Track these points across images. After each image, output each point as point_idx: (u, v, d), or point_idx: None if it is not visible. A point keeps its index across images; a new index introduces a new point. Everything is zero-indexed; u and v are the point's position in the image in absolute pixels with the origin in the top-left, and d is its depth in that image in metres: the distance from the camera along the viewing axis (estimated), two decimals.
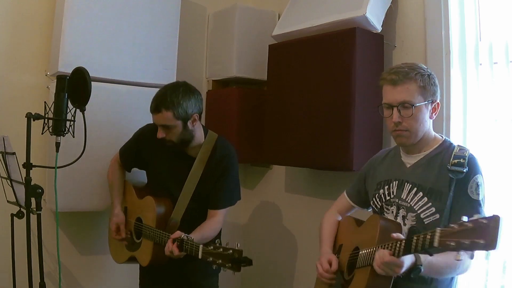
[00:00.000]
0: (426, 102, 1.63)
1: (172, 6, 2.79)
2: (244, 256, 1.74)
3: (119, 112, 2.57)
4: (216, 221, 2.21)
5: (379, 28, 2.31)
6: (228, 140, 2.34)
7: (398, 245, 1.43)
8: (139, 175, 2.47)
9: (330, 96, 2.37)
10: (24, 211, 1.97)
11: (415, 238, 1.36)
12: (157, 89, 2.66)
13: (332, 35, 2.40)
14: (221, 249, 1.77)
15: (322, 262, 1.78)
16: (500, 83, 1.99)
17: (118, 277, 2.71)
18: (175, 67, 2.80)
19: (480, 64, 2.08)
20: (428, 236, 1.31)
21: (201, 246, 1.84)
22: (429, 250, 1.33)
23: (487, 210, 1.59)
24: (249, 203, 3.33)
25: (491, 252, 1.19)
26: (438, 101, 1.68)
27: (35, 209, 2.00)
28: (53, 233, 2.28)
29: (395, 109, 1.63)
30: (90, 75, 2.06)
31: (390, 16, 2.39)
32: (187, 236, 1.95)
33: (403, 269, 1.44)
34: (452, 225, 1.24)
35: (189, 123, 2.14)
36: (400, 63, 1.70)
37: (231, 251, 1.75)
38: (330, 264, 1.77)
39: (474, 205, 1.56)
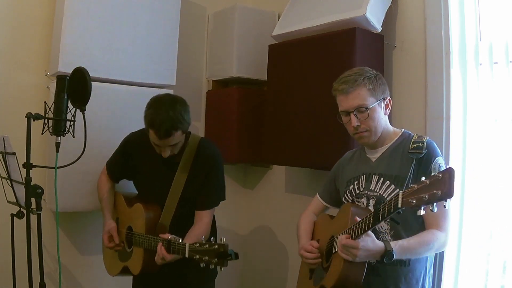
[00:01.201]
0: (378, 101, 1.76)
1: (172, 6, 2.78)
2: (230, 249, 1.74)
3: (119, 112, 2.57)
4: (205, 224, 2.19)
5: (379, 28, 2.31)
6: (212, 141, 2.33)
7: (364, 221, 1.53)
8: (130, 186, 2.45)
9: (330, 96, 2.35)
10: (24, 211, 1.96)
11: (381, 206, 1.47)
12: (157, 89, 2.68)
13: (332, 35, 2.40)
14: (207, 245, 1.76)
15: (304, 246, 1.89)
16: (500, 83, 1.99)
17: (118, 277, 2.71)
18: (175, 67, 2.80)
19: (480, 64, 2.08)
20: (392, 200, 1.42)
21: (187, 244, 1.83)
22: (396, 217, 1.45)
23: None
24: (249, 203, 3.33)
25: (450, 200, 1.27)
26: (388, 97, 1.81)
27: (35, 209, 2.00)
28: (53, 233, 2.28)
29: (352, 115, 1.76)
30: (90, 75, 2.05)
31: (390, 16, 2.39)
32: (174, 237, 1.94)
33: (364, 252, 1.54)
34: (412, 184, 1.36)
35: (187, 133, 2.15)
36: (347, 71, 1.82)
37: (216, 246, 1.74)
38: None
39: None
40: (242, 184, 3.35)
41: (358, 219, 1.57)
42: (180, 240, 1.91)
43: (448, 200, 1.26)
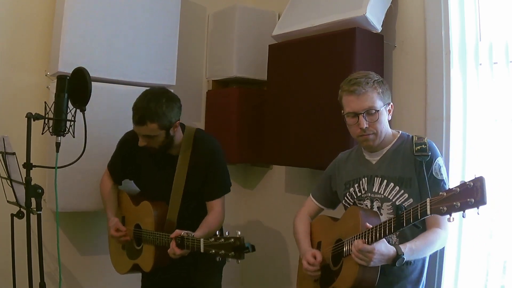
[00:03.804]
0: (385, 105, 1.78)
1: (172, 6, 2.79)
2: (247, 242, 1.75)
3: (119, 112, 2.57)
4: (217, 212, 2.22)
5: (379, 28, 2.31)
6: (207, 132, 2.33)
7: (383, 226, 1.54)
8: (133, 185, 2.46)
9: (330, 96, 2.35)
10: (24, 211, 1.97)
11: (404, 212, 1.49)
12: None
13: (332, 35, 2.40)
14: (223, 239, 1.78)
15: (307, 257, 1.86)
16: (500, 83, 2.00)
17: (118, 277, 2.71)
18: (175, 67, 2.81)
19: (480, 64, 2.08)
20: (419, 207, 1.44)
21: (202, 239, 1.85)
22: (418, 223, 1.48)
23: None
24: (249, 203, 3.33)
25: (481, 207, 1.30)
26: (391, 103, 1.84)
27: (35, 209, 2.00)
28: (53, 233, 2.28)
29: (361, 116, 1.75)
30: (90, 75, 2.06)
31: (390, 16, 2.39)
32: (187, 233, 1.95)
33: (378, 256, 1.57)
34: (440, 193, 1.38)
35: (171, 131, 2.13)
36: (354, 74, 1.82)
37: (232, 240, 1.75)
38: (315, 258, 1.85)
39: (441, 184, 1.72)
40: (242, 184, 3.35)
41: (370, 225, 1.59)
42: (194, 235, 1.93)
43: (480, 207, 1.29)
